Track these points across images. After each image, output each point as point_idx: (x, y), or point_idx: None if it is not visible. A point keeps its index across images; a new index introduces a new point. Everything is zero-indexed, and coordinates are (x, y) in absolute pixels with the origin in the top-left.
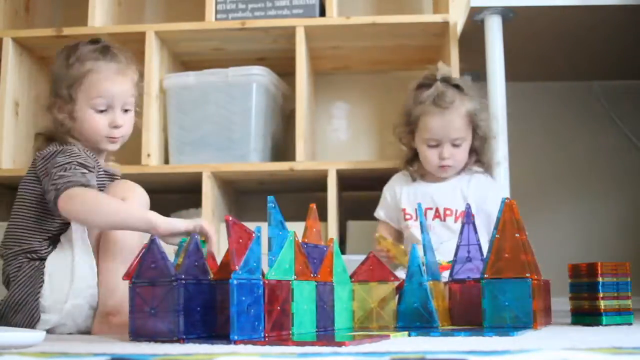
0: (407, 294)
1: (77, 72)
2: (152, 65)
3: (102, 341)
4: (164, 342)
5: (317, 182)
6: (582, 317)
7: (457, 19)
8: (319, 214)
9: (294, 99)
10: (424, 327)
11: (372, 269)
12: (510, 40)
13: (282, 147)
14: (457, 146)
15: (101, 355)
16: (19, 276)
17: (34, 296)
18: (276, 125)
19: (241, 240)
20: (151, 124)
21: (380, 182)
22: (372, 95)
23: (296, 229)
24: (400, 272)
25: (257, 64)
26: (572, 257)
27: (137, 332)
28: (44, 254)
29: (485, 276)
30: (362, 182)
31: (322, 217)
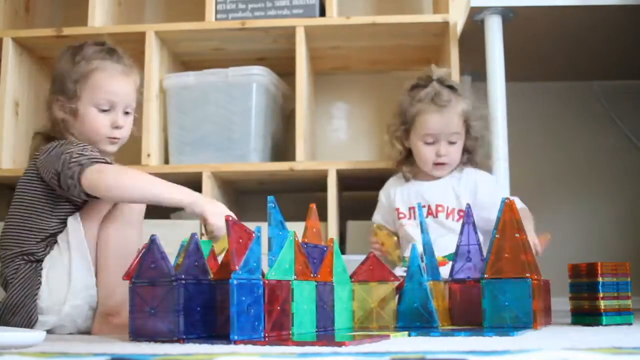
0: (407, 294)
1: (83, 69)
2: (152, 65)
3: (102, 341)
4: (164, 342)
5: (317, 182)
6: (582, 317)
7: (457, 19)
8: (319, 214)
9: (294, 99)
10: (424, 327)
11: (372, 269)
12: (510, 40)
13: (282, 147)
14: (453, 143)
15: (101, 355)
16: (16, 278)
17: (32, 298)
18: (276, 125)
19: (241, 240)
20: (151, 124)
21: (380, 182)
22: (371, 95)
23: (296, 229)
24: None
25: (257, 64)
26: (572, 257)
27: (137, 332)
28: (41, 256)
29: (485, 276)
30: (362, 182)
31: (322, 217)
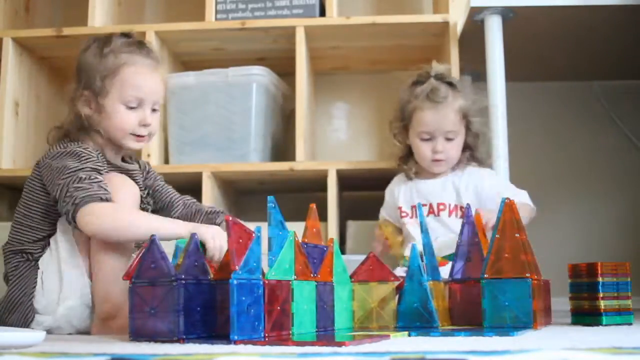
0: (407, 294)
1: (111, 64)
2: None
3: (102, 341)
4: (164, 342)
5: (317, 182)
6: (582, 317)
7: (457, 19)
8: (319, 214)
9: (294, 99)
10: (424, 327)
11: (372, 269)
12: (510, 40)
13: (282, 147)
14: (450, 140)
15: (101, 355)
16: (15, 275)
17: (29, 297)
18: (276, 125)
19: (241, 240)
20: None
21: (380, 182)
22: (371, 95)
23: (296, 229)
24: (400, 272)
25: (257, 64)
26: (572, 257)
27: (137, 332)
28: (37, 256)
29: (485, 276)
30: (362, 182)
31: (322, 217)
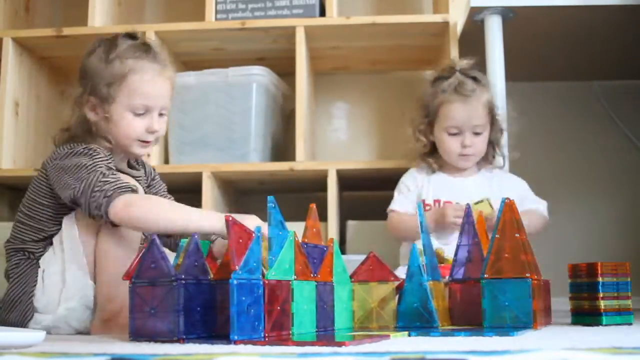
0: (407, 294)
1: (117, 71)
2: None
3: (102, 341)
4: (164, 342)
5: (317, 182)
6: (582, 317)
7: (457, 19)
8: (319, 214)
9: (294, 99)
10: (424, 327)
11: (372, 269)
12: (510, 40)
13: (282, 147)
14: (478, 134)
15: (101, 355)
16: (16, 273)
17: (28, 295)
18: (276, 125)
19: (241, 240)
20: None
21: (380, 182)
22: (372, 95)
23: (296, 229)
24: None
25: (257, 64)
26: (572, 257)
27: (137, 332)
28: (38, 255)
29: (485, 276)
30: (362, 182)
31: (322, 217)
